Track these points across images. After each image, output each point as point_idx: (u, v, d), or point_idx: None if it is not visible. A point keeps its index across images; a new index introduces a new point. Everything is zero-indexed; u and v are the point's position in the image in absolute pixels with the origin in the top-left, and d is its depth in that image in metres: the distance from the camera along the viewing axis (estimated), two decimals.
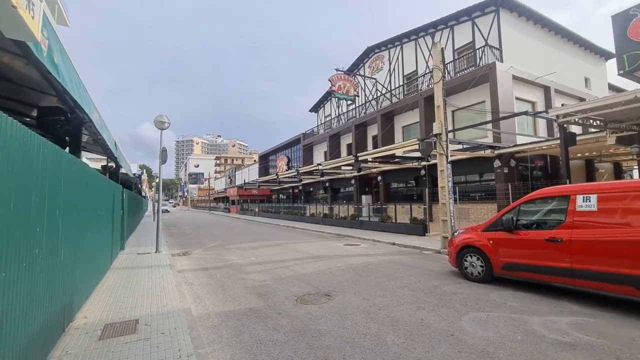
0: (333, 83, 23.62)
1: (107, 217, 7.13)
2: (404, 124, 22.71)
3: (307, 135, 34.91)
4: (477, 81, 16.65)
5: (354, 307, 4.89)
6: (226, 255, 10.09)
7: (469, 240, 6.16)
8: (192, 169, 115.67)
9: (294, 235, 15.20)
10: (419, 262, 8.13)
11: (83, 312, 4.69)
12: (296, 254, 9.86)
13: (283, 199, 42.16)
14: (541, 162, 17.33)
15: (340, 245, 11.45)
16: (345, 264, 8.08)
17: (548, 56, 18.78)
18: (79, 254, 4.42)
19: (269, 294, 5.73)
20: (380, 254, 9.48)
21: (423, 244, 10.87)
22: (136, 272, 7.41)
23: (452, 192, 9.70)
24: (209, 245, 12.58)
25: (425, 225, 12.95)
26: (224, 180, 72.41)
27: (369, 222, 16.28)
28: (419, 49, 21.81)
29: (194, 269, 8.11)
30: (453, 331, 3.89)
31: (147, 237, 14.67)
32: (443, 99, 9.94)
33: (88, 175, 4.74)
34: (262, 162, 47.76)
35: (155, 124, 10.66)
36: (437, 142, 9.98)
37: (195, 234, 17.16)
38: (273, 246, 11.63)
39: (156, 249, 10.39)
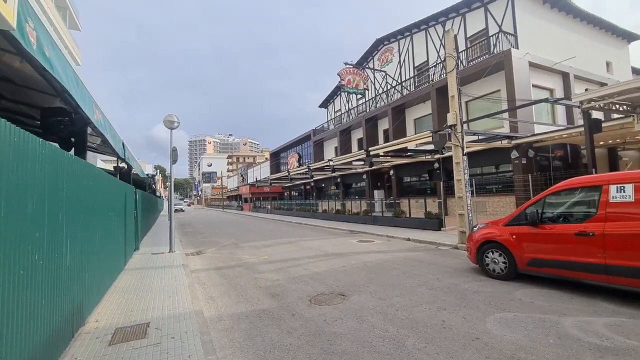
0: (342, 77, 23.26)
1: (119, 219, 7.10)
2: (415, 116, 22.20)
3: (317, 131, 34.66)
4: (492, 69, 16.04)
5: (370, 307, 4.68)
6: (239, 253, 10.02)
7: (490, 235, 5.84)
8: (205, 168, 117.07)
9: (306, 233, 15.05)
10: (436, 259, 7.84)
11: (95, 315, 4.63)
12: (309, 251, 9.69)
13: (295, 196, 42.12)
14: (561, 152, 16.63)
15: (353, 242, 11.23)
16: (359, 261, 7.86)
17: (566, 41, 17.95)
18: (88, 257, 4.34)
19: (282, 294, 5.57)
20: (395, 251, 9.22)
21: (439, 239, 10.54)
22: (149, 272, 7.38)
23: (469, 185, 9.33)
24: (222, 243, 12.56)
25: (441, 219, 12.59)
26: (236, 178, 72.96)
27: (382, 217, 15.98)
28: (429, 39, 21.21)
29: (207, 269, 8.05)
30: (478, 334, 3.64)
31: (162, 237, 14.78)
32: (457, 89, 9.55)
33: (95, 176, 4.65)
34: (273, 160, 47.80)
35: (165, 124, 10.63)
36: (451, 134, 9.60)
37: (209, 232, 17.23)
38: (286, 244, 11.50)
39: (170, 249, 10.40)
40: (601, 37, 19.86)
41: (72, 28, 26.62)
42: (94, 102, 3.89)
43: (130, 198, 9.08)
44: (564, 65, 16.73)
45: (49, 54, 2.19)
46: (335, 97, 33.21)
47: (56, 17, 22.17)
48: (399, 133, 22.04)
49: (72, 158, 3.65)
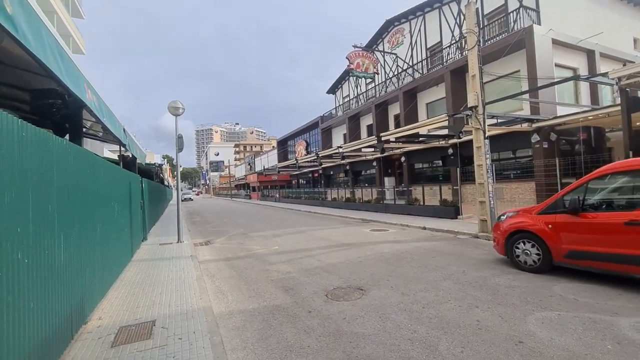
0: (351, 61, 22.44)
1: (123, 209, 6.80)
2: (427, 100, 21.39)
3: (325, 118, 33.97)
4: (511, 48, 15.13)
5: (392, 304, 4.29)
6: (248, 244, 9.72)
7: (522, 224, 5.36)
8: (213, 157, 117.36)
9: (316, 222, 14.71)
10: (458, 249, 7.40)
11: (99, 311, 4.34)
12: (321, 241, 9.34)
13: (303, 184, 41.80)
14: (584, 135, 15.79)
15: (366, 231, 10.84)
16: (375, 252, 7.47)
17: (591, 16, 16.84)
18: (88, 252, 4.02)
19: (295, 288, 5.22)
20: (411, 240, 8.80)
21: (457, 227, 10.08)
22: (157, 264, 7.11)
23: (491, 171, 8.78)
24: (231, 233, 12.30)
25: (457, 207, 12.08)
26: (243, 167, 72.87)
27: (395, 205, 15.52)
28: (443, 18, 20.18)
29: (216, 260, 7.76)
30: (521, 337, 3.22)
31: (170, 227, 14.61)
32: (479, 67, 8.89)
33: (93, 164, 4.29)
34: (280, 148, 47.36)
35: (170, 110, 10.23)
36: (472, 116, 9.00)
37: (217, 221, 17.03)
38: (296, 233, 11.18)
39: (178, 239, 10.17)
40: (629, 12, 18.61)
41: (75, 16, 26.16)
42: (87, 82, 3.47)
43: (135, 187, 8.79)
44: (589, 42, 15.71)
45: (11, 10, 1.76)
46: (344, 83, 32.35)
47: (58, 5, 21.72)
48: (410, 118, 21.31)
49: (64, 143, 3.26)
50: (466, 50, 9.41)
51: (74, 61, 3.10)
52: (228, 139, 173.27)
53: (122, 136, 5.44)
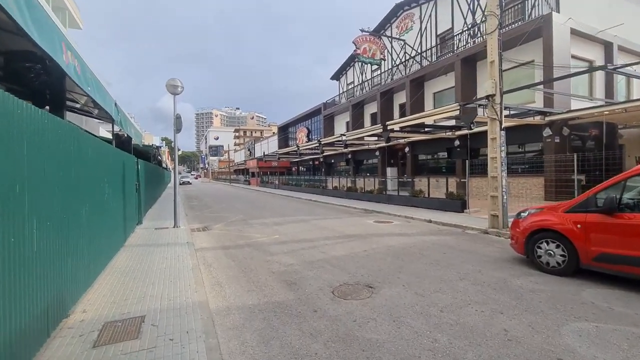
0: (357, 45, 21.66)
1: (116, 191, 6.36)
2: (435, 90, 20.75)
3: (328, 105, 33.24)
4: (528, 37, 14.48)
5: (406, 305, 3.91)
6: (248, 231, 9.33)
7: (545, 222, 4.95)
8: (212, 142, 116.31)
9: (318, 210, 14.32)
10: (469, 245, 7.02)
11: (83, 303, 3.95)
12: (324, 232, 8.95)
13: (303, 171, 41.31)
14: (596, 131, 15.31)
15: (370, 222, 10.45)
16: (381, 245, 7.08)
17: (609, 6, 16.11)
18: (70, 237, 3.59)
19: (299, 282, 4.84)
20: (418, 234, 8.41)
21: (464, 222, 9.69)
22: (151, 250, 6.72)
23: (505, 164, 8.33)
24: (230, 219, 11.91)
25: (464, 200, 11.68)
26: (243, 152, 72.15)
27: (398, 196, 15.12)
28: (456, 3, 19.35)
29: (214, 247, 7.37)
30: (558, 352, 2.84)
31: (167, 210, 14.21)
32: (498, 53, 8.32)
33: (79, 140, 3.82)
34: (281, 134, 46.68)
35: (168, 89, 9.68)
36: (489, 105, 8.49)
37: (216, 206, 16.64)
38: (297, 222, 10.79)
39: (174, 224, 9.77)
40: None
41: None
42: (66, 42, 2.96)
43: (130, 168, 8.32)
44: (608, 34, 15.06)
45: None
46: (348, 69, 31.50)
47: None
48: (416, 107, 20.71)
49: (39, 113, 2.78)
50: (485, 34, 8.82)
51: (49, 15, 2.59)
52: (228, 123, 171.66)
53: (113, 111, 4.94)
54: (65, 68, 2.76)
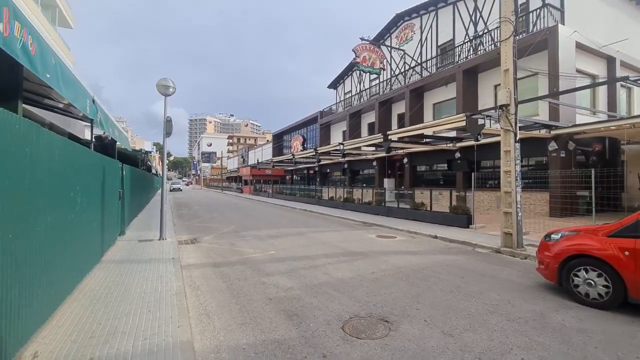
0: (357, 54, 21.32)
1: (93, 199, 5.59)
2: (435, 101, 20.43)
3: (325, 113, 32.81)
4: (533, 49, 14.24)
5: (435, 350, 3.22)
6: (241, 245, 8.57)
7: (584, 247, 4.35)
8: (205, 148, 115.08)
9: (315, 222, 13.61)
10: (485, 267, 6.39)
11: (36, 343, 3.16)
12: (324, 247, 8.23)
13: (297, 180, 40.63)
14: (599, 146, 15.05)
15: (372, 237, 9.78)
16: (390, 265, 6.40)
17: (614, 22, 16.06)
18: (18, 259, 2.84)
19: (301, 313, 4.12)
20: (426, 252, 7.76)
21: (472, 239, 9.09)
22: (130, 268, 5.92)
23: (520, 178, 7.79)
24: (221, 230, 11.11)
25: (470, 215, 11.12)
26: (236, 159, 71.20)
27: (398, 209, 14.52)
28: (457, 15, 19.20)
29: (202, 264, 6.60)
30: None
31: (154, 219, 13.34)
32: (513, 61, 7.87)
33: (38, 139, 3.09)
34: (275, 142, 46.06)
35: (158, 89, 8.99)
36: (502, 116, 8.00)
37: (206, 216, 15.79)
38: (294, 235, 10.05)
39: (160, 236, 8.94)
40: None
41: None
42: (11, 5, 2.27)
43: (112, 174, 7.54)
44: (611, 49, 14.92)
45: None
46: (346, 78, 31.21)
47: None
48: (416, 118, 20.32)
49: None
50: (499, 41, 8.39)
51: None
52: (222, 130, 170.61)
53: (89, 109, 4.22)
54: (1, 43, 2.07)
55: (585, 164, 14.38)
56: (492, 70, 16.70)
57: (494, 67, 16.52)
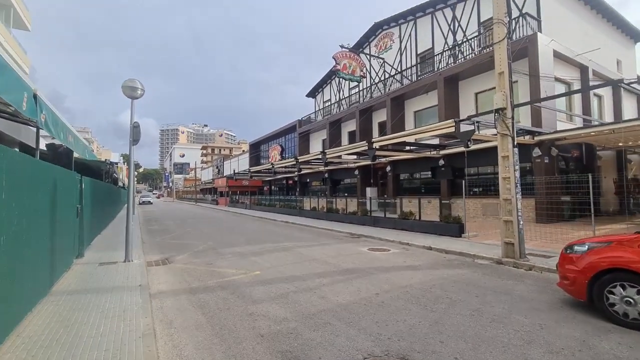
0: (337, 61, 21.01)
1: (37, 218, 4.54)
2: (416, 108, 20.39)
3: (304, 122, 32.25)
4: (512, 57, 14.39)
5: None
6: (220, 265, 7.61)
7: (619, 261, 3.88)
8: (177, 159, 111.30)
9: (299, 235, 12.77)
10: (496, 282, 5.85)
11: None
12: (314, 264, 7.45)
13: (275, 191, 39.59)
14: (577, 152, 15.37)
15: (364, 251, 9.11)
16: (393, 285, 5.72)
17: (584, 33, 16.71)
18: None
19: (303, 356, 3.32)
20: (427, 266, 7.17)
21: (468, 249, 8.65)
22: (87, 301, 4.86)
23: (519, 185, 7.45)
24: (196, 247, 10.05)
25: (462, 224, 10.74)
26: (210, 170, 69.00)
27: (385, 219, 14.00)
28: (436, 24, 19.38)
29: (176, 291, 5.63)
30: None
31: (120, 236, 12.00)
32: (508, 63, 7.60)
33: None
34: (253, 152, 44.88)
35: (124, 91, 8.00)
36: (499, 120, 7.67)
37: (179, 231, 14.53)
38: (279, 251, 9.19)
39: (126, 257, 7.80)
40: (613, 34, 18.88)
41: None
42: None
43: (67, 188, 6.44)
44: (584, 57, 15.42)
45: None
46: (325, 86, 30.92)
47: None
48: (397, 126, 20.15)
49: None
50: (492, 44, 8.13)
51: None
52: (195, 140, 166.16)
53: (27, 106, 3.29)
54: None
55: (566, 169, 14.59)
56: (472, 78, 16.84)
57: (474, 75, 16.68)
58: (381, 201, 17.44)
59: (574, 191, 12.17)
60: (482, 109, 16.35)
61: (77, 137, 6.37)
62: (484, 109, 16.08)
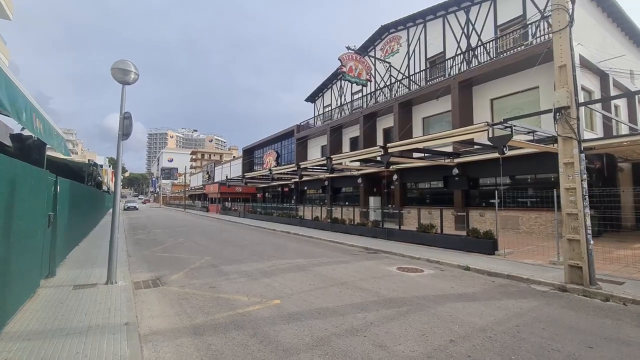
0: (343, 63, 19.95)
1: None
2: (424, 115, 19.42)
3: (302, 127, 31.02)
4: (529, 62, 13.58)
5: None
6: (226, 288, 6.18)
7: None
8: (166, 164, 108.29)
9: (309, 249, 11.38)
10: (590, 321, 4.62)
11: None
12: (345, 290, 6.09)
13: (269, 199, 38.03)
14: (599, 163, 14.55)
15: (394, 271, 7.79)
16: (464, 326, 4.41)
17: (602, 41, 16.08)
18: None
19: None
20: (484, 295, 5.90)
21: (514, 270, 7.45)
22: (49, 354, 3.39)
23: (587, 196, 6.33)
24: (193, 263, 8.55)
25: (494, 240, 9.58)
26: (200, 175, 66.81)
27: (400, 231, 12.76)
28: (448, 27, 18.58)
29: (176, 332, 4.20)
30: None
31: (102, 248, 10.40)
32: (571, 55, 6.55)
33: None
34: (246, 157, 43.31)
35: (115, 75, 6.63)
36: (560, 120, 6.57)
37: (170, 241, 12.94)
38: (294, 271, 7.79)
39: (108, 279, 6.29)
40: (627, 44, 18.40)
41: None
42: None
43: (34, 190, 4.95)
44: (605, 65, 14.73)
45: None
46: (325, 91, 29.85)
47: None
48: (405, 133, 19.11)
49: None
50: (552, 33, 7.08)
51: None
52: (184, 145, 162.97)
53: None
54: None
55: (589, 182, 13.69)
56: (488, 83, 15.99)
57: (490, 80, 15.82)
58: (390, 211, 16.25)
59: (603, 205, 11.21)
60: (498, 116, 15.44)
61: (50, 124, 4.91)
62: (500, 115, 15.14)
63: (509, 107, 15.29)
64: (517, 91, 14.93)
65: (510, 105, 15.28)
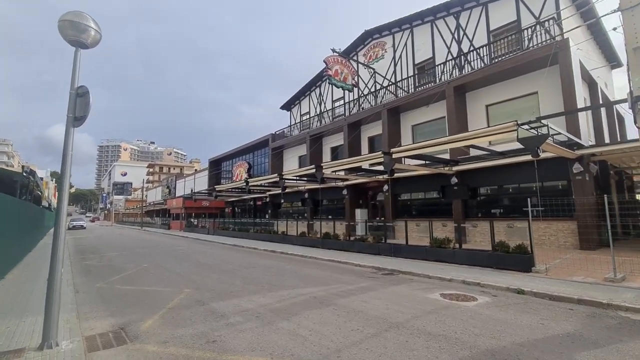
0: (329, 65, 18.65)
1: None
2: (414, 122, 18.55)
3: (278, 136, 29.14)
4: (532, 66, 13.17)
5: None
6: (232, 343, 4.17)
7: None
8: (118, 178, 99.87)
9: (312, 272, 9.47)
10: None
11: None
12: (411, 338, 4.34)
13: (239, 213, 35.27)
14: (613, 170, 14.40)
15: (440, 300, 6.18)
16: None
17: (586, 49, 16.32)
18: None
19: None
20: (592, 336, 4.47)
21: (575, 292, 6.21)
22: None
23: None
24: (170, 300, 6.31)
25: (530, 255, 8.40)
26: (159, 190, 61.65)
27: (409, 247, 11.32)
28: (436, 33, 18.06)
29: None
30: None
31: (38, 282, 7.71)
32: None
33: None
34: (213, 169, 40.25)
35: (63, 31, 4.56)
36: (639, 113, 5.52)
37: (132, 268, 10.34)
38: (315, 306, 5.88)
39: (44, 338, 4.02)
40: (599, 57, 19.08)
41: None
42: None
43: None
44: (594, 73, 14.80)
45: None
46: (303, 98, 28.37)
47: None
48: (394, 141, 18.04)
49: None
50: (620, 10, 6.12)
51: None
52: (140, 158, 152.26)
53: None
54: None
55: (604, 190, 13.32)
56: (482, 89, 15.44)
57: (484, 85, 15.29)
58: (385, 224, 14.83)
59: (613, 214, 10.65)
60: (494, 122, 14.84)
61: None
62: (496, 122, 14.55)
63: (505, 113, 14.75)
64: (514, 97, 14.45)
65: (507, 111, 14.75)
